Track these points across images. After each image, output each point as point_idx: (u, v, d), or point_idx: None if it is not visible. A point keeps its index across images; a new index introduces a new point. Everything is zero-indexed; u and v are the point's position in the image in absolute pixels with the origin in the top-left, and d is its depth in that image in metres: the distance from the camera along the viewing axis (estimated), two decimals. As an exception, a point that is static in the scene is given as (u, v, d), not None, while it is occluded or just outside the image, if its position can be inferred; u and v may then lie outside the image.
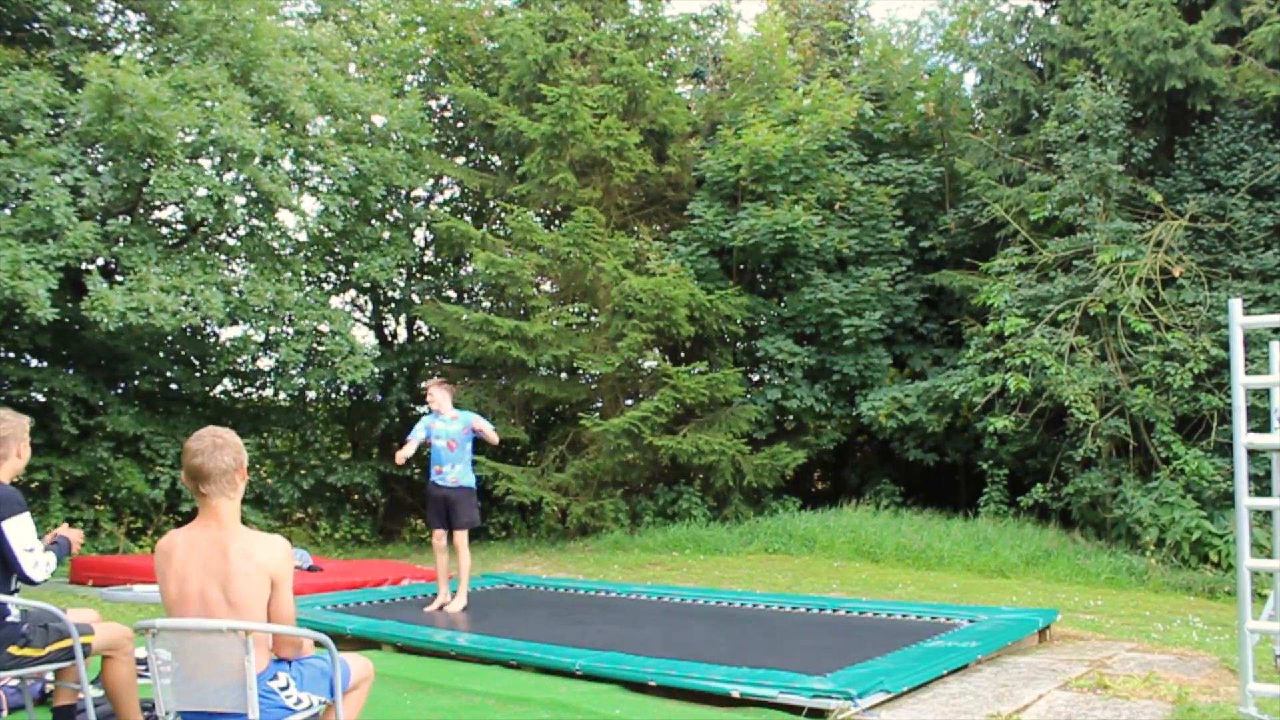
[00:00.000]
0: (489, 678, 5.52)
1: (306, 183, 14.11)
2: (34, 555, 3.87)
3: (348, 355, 13.56)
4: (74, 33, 12.68)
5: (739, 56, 16.63)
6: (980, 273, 14.06)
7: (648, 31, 15.98)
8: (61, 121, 11.80)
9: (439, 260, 17.66)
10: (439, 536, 7.68)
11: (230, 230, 13.71)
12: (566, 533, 14.29)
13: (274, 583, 3.07)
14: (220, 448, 3.08)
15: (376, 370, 14.87)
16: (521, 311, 15.61)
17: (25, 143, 10.82)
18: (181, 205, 12.37)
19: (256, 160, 12.33)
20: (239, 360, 14.68)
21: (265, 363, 15.38)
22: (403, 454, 7.64)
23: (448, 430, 7.60)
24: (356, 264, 14.67)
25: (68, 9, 12.18)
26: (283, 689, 3.16)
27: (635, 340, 13.84)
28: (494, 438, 7.95)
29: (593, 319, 15.06)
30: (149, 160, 11.77)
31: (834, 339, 14.55)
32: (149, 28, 13.55)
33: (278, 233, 13.88)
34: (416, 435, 7.71)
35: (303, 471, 15.30)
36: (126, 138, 11.07)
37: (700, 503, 14.28)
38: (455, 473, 7.60)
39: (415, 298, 16.93)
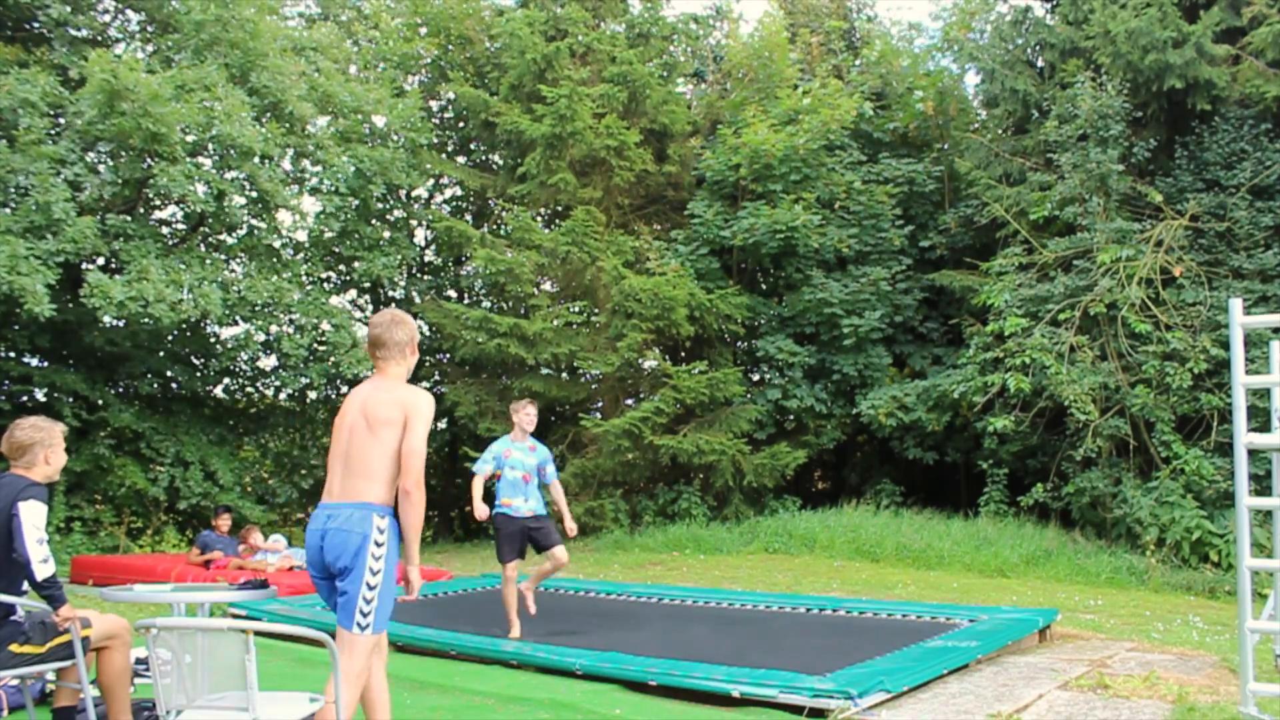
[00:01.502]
0: (489, 678, 5.52)
1: (306, 183, 14.12)
2: (43, 548, 3.87)
3: (350, 348, 13.57)
4: (74, 32, 12.68)
5: (739, 56, 16.64)
6: (980, 272, 14.06)
7: (648, 31, 15.99)
8: (62, 120, 11.80)
9: (439, 259, 17.67)
10: (513, 568, 6.72)
11: (230, 229, 13.71)
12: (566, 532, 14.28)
13: (407, 418, 3.43)
14: (398, 324, 3.63)
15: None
16: (521, 310, 15.61)
17: (25, 139, 10.82)
18: (182, 203, 12.37)
19: (256, 159, 12.33)
20: (240, 359, 14.68)
21: (266, 363, 15.39)
22: (480, 508, 6.71)
23: (524, 462, 6.70)
24: (357, 263, 14.68)
25: (67, 9, 12.18)
26: (380, 533, 3.36)
27: (635, 340, 13.84)
28: (555, 487, 7.01)
29: (592, 318, 15.07)
30: (149, 159, 11.77)
31: (834, 339, 14.55)
32: (149, 27, 13.55)
33: (277, 233, 13.89)
34: (484, 469, 6.71)
35: (303, 471, 15.30)
36: (127, 134, 11.07)
37: (700, 502, 14.28)
38: (529, 505, 6.70)
39: (416, 297, 16.94)
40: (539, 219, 15.99)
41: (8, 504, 3.89)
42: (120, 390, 13.72)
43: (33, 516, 3.88)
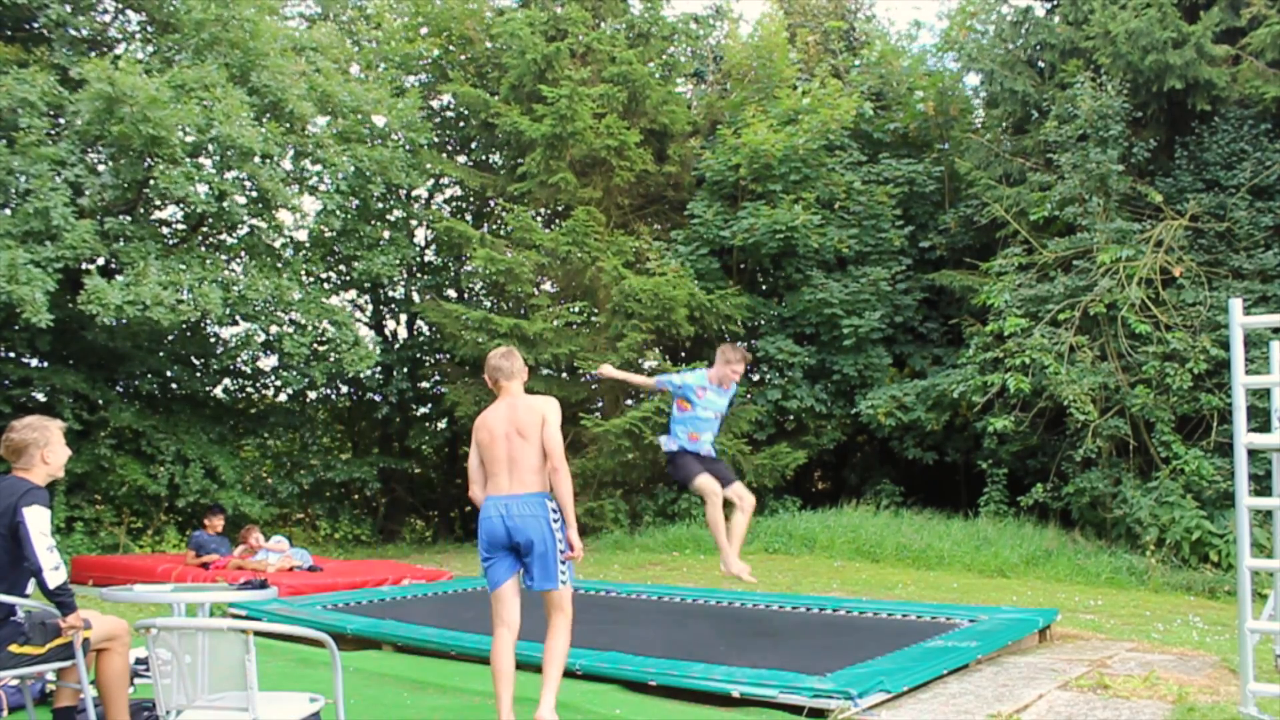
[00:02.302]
0: (489, 678, 5.51)
1: (306, 182, 14.12)
2: (54, 555, 3.85)
3: (352, 347, 13.57)
4: (74, 33, 12.68)
5: (739, 56, 16.64)
6: (980, 272, 14.06)
7: (648, 31, 15.97)
8: (61, 121, 11.80)
9: (439, 259, 17.68)
10: (713, 482, 6.28)
11: (230, 229, 13.71)
12: (566, 532, 14.28)
13: (544, 419, 4.41)
14: (510, 357, 4.64)
15: (379, 357, 14.88)
16: (521, 311, 15.61)
17: (25, 141, 10.81)
18: (183, 204, 12.36)
19: (256, 158, 12.33)
20: (240, 358, 14.69)
21: (266, 363, 15.39)
22: (621, 374, 6.69)
23: (717, 404, 6.47)
24: (357, 263, 14.68)
25: (67, 10, 12.18)
26: (553, 512, 4.39)
27: (635, 340, 13.83)
28: None
29: (593, 319, 15.06)
30: (149, 160, 11.77)
31: (834, 339, 14.55)
32: (149, 27, 13.55)
33: (277, 232, 13.89)
34: (672, 379, 6.48)
35: (303, 471, 15.31)
36: (126, 137, 11.06)
37: (700, 503, 14.23)
38: (710, 445, 6.53)
39: (415, 296, 16.93)
40: (539, 219, 15.99)
41: (10, 508, 3.88)
42: (120, 390, 13.72)
43: (38, 523, 3.85)
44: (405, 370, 16.63)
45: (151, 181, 11.66)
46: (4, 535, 3.90)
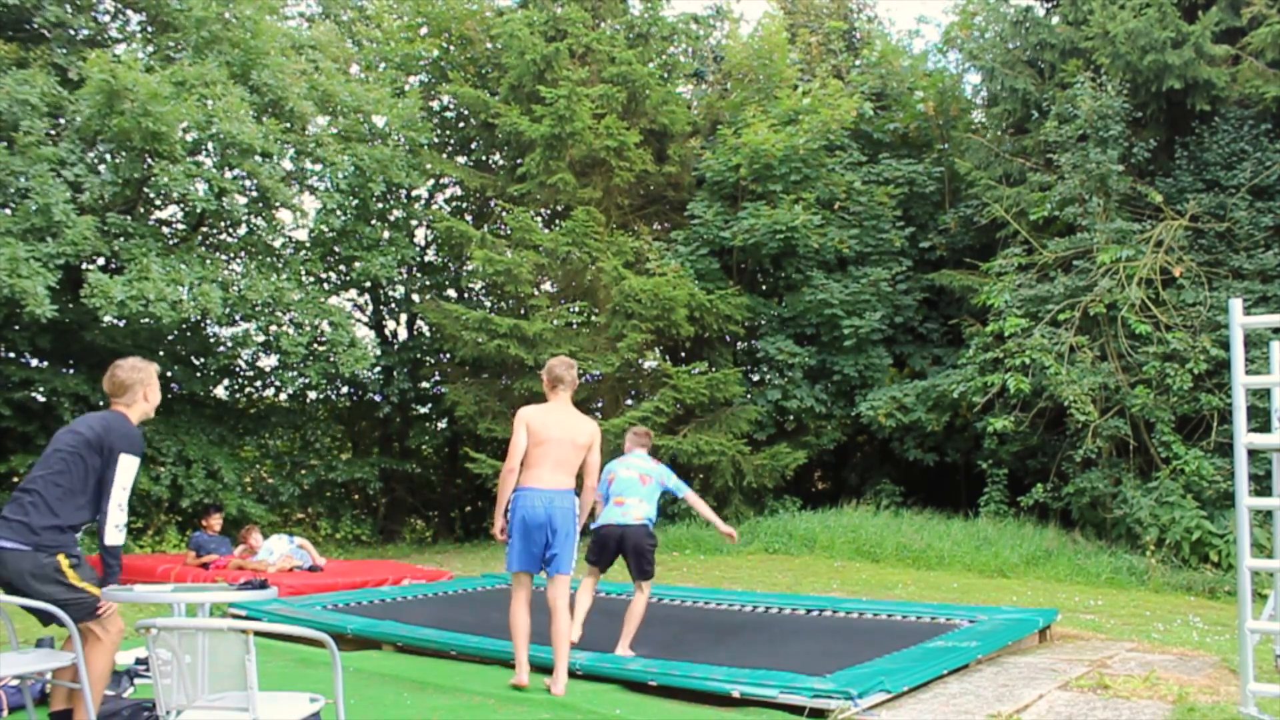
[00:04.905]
0: (489, 678, 5.51)
1: (306, 181, 14.11)
2: (122, 514, 4.00)
3: (349, 347, 13.56)
4: (73, 33, 12.67)
5: (739, 56, 16.63)
6: (980, 273, 14.06)
7: (647, 31, 15.97)
8: (61, 120, 11.80)
9: (440, 259, 17.68)
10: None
11: (230, 228, 13.70)
12: (566, 532, 14.26)
13: (592, 442, 5.27)
14: (570, 367, 5.32)
15: (377, 357, 14.87)
16: (521, 311, 15.60)
17: (25, 141, 10.81)
18: (182, 203, 12.35)
19: (256, 156, 12.32)
20: (240, 358, 14.66)
21: (266, 363, 15.39)
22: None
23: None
24: (357, 263, 14.68)
25: (66, 10, 12.18)
26: (576, 508, 5.21)
27: (635, 340, 13.83)
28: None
29: (593, 319, 15.06)
30: (149, 158, 11.77)
31: (834, 339, 14.55)
32: (149, 27, 13.55)
33: (277, 231, 13.88)
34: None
35: (303, 471, 15.29)
36: (127, 133, 11.06)
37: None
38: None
39: (415, 297, 16.93)
40: (539, 219, 15.98)
41: (111, 446, 4.00)
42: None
43: (124, 474, 3.99)
44: (405, 370, 16.62)
45: (151, 179, 11.66)
46: (100, 462, 4.00)
